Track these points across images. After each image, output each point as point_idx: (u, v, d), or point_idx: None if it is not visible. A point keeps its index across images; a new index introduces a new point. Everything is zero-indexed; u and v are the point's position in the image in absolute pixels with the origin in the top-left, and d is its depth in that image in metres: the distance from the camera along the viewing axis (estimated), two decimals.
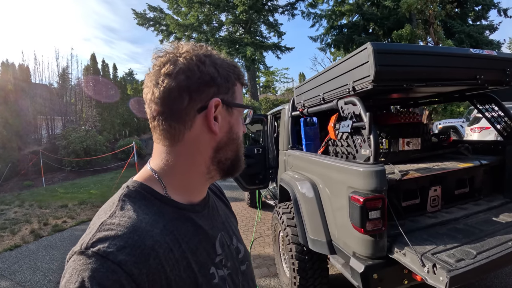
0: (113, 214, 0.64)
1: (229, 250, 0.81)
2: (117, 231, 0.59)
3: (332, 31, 25.39)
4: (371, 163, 2.05)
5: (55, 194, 10.60)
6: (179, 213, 0.71)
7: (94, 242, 0.57)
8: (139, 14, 24.18)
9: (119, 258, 0.55)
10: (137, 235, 0.60)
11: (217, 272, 0.72)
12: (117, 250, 0.55)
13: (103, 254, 0.54)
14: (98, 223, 0.62)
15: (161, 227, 0.65)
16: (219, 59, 0.74)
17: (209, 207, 0.82)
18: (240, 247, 0.87)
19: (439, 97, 3.49)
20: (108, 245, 0.56)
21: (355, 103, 2.32)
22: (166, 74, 0.67)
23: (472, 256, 1.72)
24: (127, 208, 0.65)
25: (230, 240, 0.84)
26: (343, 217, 2.26)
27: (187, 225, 0.71)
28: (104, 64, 21.46)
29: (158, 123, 0.70)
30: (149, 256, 0.59)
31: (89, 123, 18.15)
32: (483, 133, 8.72)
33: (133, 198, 0.68)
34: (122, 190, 0.71)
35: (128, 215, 0.63)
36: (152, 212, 0.67)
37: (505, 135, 2.95)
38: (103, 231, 0.59)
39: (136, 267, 0.56)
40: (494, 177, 2.86)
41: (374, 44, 2.07)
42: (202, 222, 0.75)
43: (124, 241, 0.57)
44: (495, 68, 2.50)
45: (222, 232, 0.81)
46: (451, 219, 2.38)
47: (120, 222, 0.61)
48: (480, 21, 23.29)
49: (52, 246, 5.60)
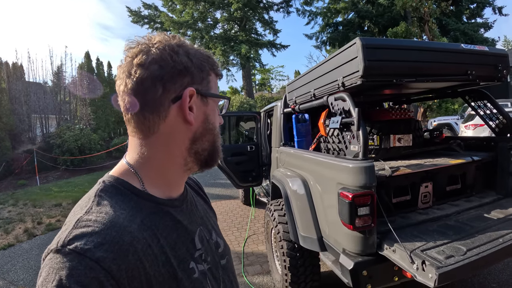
0: (89, 210, 0.62)
1: (209, 244, 0.81)
2: (94, 227, 0.57)
3: (327, 28, 25.42)
4: (360, 159, 2.04)
5: (50, 193, 10.50)
6: (157, 208, 0.70)
7: (70, 240, 0.55)
8: (133, 12, 24.06)
9: (97, 255, 0.53)
10: (115, 231, 0.58)
11: (197, 267, 0.71)
12: (95, 247, 0.54)
13: (80, 251, 0.53)
14: (74, 219, 0.60)
15: (139, 222, 0.64)
16: (193, 49, 0.73)
17: (187, 202, 0.81)
18: (219, 241, 0.87)
19: (431, 93, 3.48)
20: (85, 242, 0.54)
21: (345, 99, 2.30)
22: (138, 65, 0.66)
23: (462, 252, 1.70)
24: (104, 204, 0.64)
25: (210, 234, 0.84)
26: (333, 214, 2.24)
27: (165, 220, 0.70)
28: (99, 62, 21.27)
29: (132, 115, 0.69)
30: (128, 252, 0.57)
31: (83, 121, 18.00)
32: (478, 130, 8.76)
33: (110, 193, 0.67)
34: (98, 185, 0.69)
35: (105, 211, 0.62)
36: (129, 207, 0.65)
37: (498, 131, 2.94)
38: (79, 228, 0.57)
39: (115, 264, 0.54)
40: (486, 174, 2.85)
41: (363, 39, 2.05)
42: (181, 217, 0.74)
43: (102, 238, 0.56)
44: (486, 63, 2.49)
45: (201, 227, 0.80)
46: (442, 215, 2.36)
47: (97, 218, 0.59)
48: (475, 19, 23.36)
49: (45, 245, 5.44)
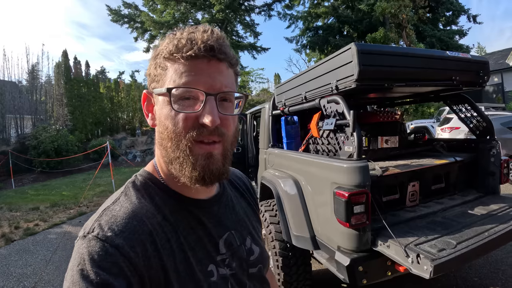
0: (116, 200, 0.67)
1: (238, 250, 0.78)
2: (117, 216, 0.62)
3: (307, 32, 25.83)
4: (355, 159, 2.12)
5: (26, 196, 10.20)
6: (182, 206, 0.71)
7: (95, 227, 0.60)
8: (113, 11, 23.65)
9: (116, 241, 0.57)
10: (136, 220, 0.62)
11: (217, 270, 0.71)
12: (115, 234, 0.58)
13: (102, 237, 0.57)
14: (102, 208, 0.66)
15: (162, 217, 0.67)
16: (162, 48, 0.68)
17: (221, 204, 0.80)
18: (254, 249, 0.84)
19: (415, 97, 3.63)
20: (107, 230, 0.59)
21: (338, 101, 2.39)
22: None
23: (452, 246, 1.82)
24: (131, 195, 0.68)
25: (243, 240, 0.81)
26: (327, 212, 2.31)
27: (188, 220, 0.71)
28: (76, 61, 20.82)
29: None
30: (146, 241, 0.61)
31: (60, 122, 17.56)
32: (453, 133, 9.10)
33: (139, 186, 0.71)
34: (131, 178, 0.73)
35: (130, 201, 0.66)
36: (155, 201, 0.69)
37: (478, 133, 3.10)
38: (104, 216, 0.62)
39: (133, 251, 0.58)
40: (468, 173, 3.01)
41: (358, 44, 2.14)
42: (206, 218, 0.74)
43: (123, 226, 0.60)
44: (469, 70, 2.64)
45: (232, 231, 0.78)
46: (429, 212, 2.49)
47: (121, 208, 0.64)
48: (450, 26, 24.34)
49: (24, 250, 5.38)
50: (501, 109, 12.88)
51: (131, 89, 26.47)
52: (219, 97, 0.65)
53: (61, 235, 6.03)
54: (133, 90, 26.41)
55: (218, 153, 0.66)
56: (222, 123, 0.65)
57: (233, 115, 0.70)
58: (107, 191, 10.02)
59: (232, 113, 0.70)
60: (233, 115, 0.70)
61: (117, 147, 18.63)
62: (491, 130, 2.96)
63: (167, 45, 0.65)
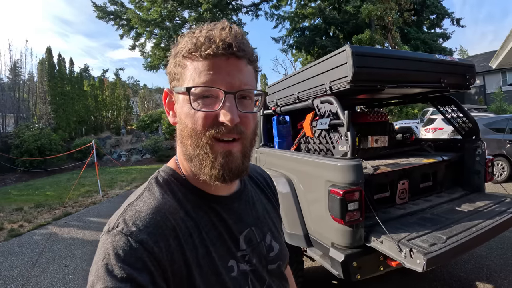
0: (140, 195, 0.68)
1: (258, 247, 0.78)
2: (141, 211, 0.63)
3: (294, 33, 25.98)
4: (349, 158, 2.19)
5: (8, 196, 9.93)
6: (203, 202, 0.72)
7: (119, 222, 0.61)
8: (99, 7, 23.20)
9: (140, 236, 0.58)
10: (160, 216, 0.63)
11: (237, 266, 0.71)
12: (139, 230, 0.59)
13: (126, 233, 0.58)
14: (126, 204, 0.67)
15: (184, 213, 0.68)
16: (179, 47, 0.69)
17: (241, 201, 0.80)
18: (274, 245, 0.84)
19: (403, 98, 3.73)
20: (131, 225, 0.60)
21: (332, 102, 2.45)
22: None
23: (443, 240, 1.90)
24: (154, 191, 0.69)
25: (263, 236, 0.81)
26: (320, 210, 2.37)
27: (209, 215, 0.71)
28: (60, 58, 20.38)
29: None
30: (170, 236, 0.62)
31: (43, 120, 17.21)
32: (437, 133, 9.35)
33: (161, 182, 0.72)
34: (154, 175, 0.75)
35: (153, 197, 0.67)
36: (177, 197, 0.70)
37: (463, 133, 3.22)
38: (128, 211, 0.63)
39: (157, 246, 0.59)
40: (454, 172, 3.12)
41: (353, 46, 2.21)
42: (227, 215, 0.74)
43: (147, 221, 0.61)
44: (457, 73, 2.75)
45: (252, 228, 0.79)
46: (419, 209, 2.58)
47: (145, 203, 0.65)
48: (434, 29, 24.89)
49: (10, 252, 5.25)
50: (483, 111, 13.29)
51: (115, 87, 26.14)
52: (238, 95, 0.65)
53: (46, 236, 5.92)
54: (117, 88, 26.09)
55: (238, 151, 0.67)
56: (241, 121, 0.65)
57: (253, 112, 0.69)
58: (92, 191, 9.87)
59: (251, 110, 0.69)
60: (252, 112, 0.69)
61: (102, 147, 18.36)
62: (476, 130, 3.08)
63: (186, 44, 0.65)
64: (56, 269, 4.32)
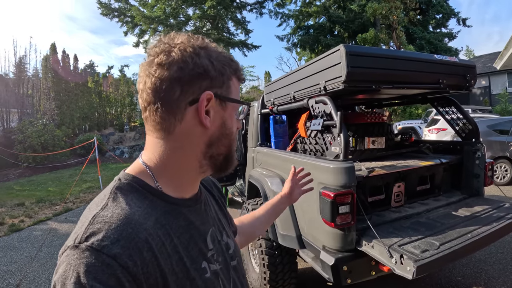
0: (105, 206, 0.62)
1: (220, 245, 0.80)
2: (110, 223, 0.58)
3: (299, 31, 25.89)
4: (341, 160, 2.14)
5: (11, 191, 10.02)
6: (171, 208, 0.70)
7: (87, 236, 0.55)
8: (103, 4, 23.31)
9: (113, 251, 0.54)
10: (131, 227, 0.59)
11: (209, 267, 0.72)
12: (112, 243, 0.55)
13: (97, 247, 0.53)
14: (90, 216, 0.60)
15: (154, 220, 0.64)
16: (215, 51, 0.73)
17: (201, 202, 0.81)
18: (230, 242, 0.86)
19: (402, 99, 3.66)
20: (102, 238, 0.55)
21: (326, 102, 2.40)
22: (158, 64, 0.66)
23: (435, 247, 1.84)
24: (120, 200, 0.64)
25: (221, 235, 0.83)
26: (313, 212, 2.32)
27: (178, 220, 0.70)
28: (65, 54, 20.47)
29: (149, 113, 0.69)
30: (143, 249, 0.58)
31: (47, 116, 17.27)
32: (440, 134, 9.24)
33: (125, 190, 0.67)
34: (114, 183, 0.69)
35: (121, 207, 0.62)
36: (144, 205, 0.66)
37: (463, 136, 3.15)
38: (96, 224, 0.58)
39: (131, 260, 0.55)
40: (453, 175, 3.06)
41: (347, 46, 2.15)
42: (194, 217, 0.74)
43: (118, 234, 0.56)
44: (456, 73, 2.68)
45: (213, 227, 0.80)
46: (414, 213, 2.52)
47: (113, 214, 0.60)
48: (440, 29, 24.66)
49: (9, 247, 5.29)
50: (487, 112, 13.16)
51: (120, 84, 26.18)
52: None
53: (46, 231, 5.94)
54: (122, 85, 26.12)
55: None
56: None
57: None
58: (94, 187, 9.91)
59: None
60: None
61: (105, 143, 18.42)
62: (476, 132, 3.01)
63: (230, 58, 0.75)
64: (54, 265, 4.28)
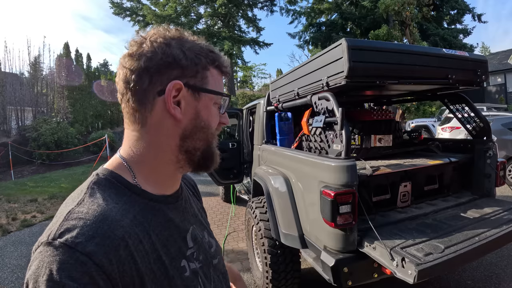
0: (81, 202, 0.61)
1: (202, 243, 0.79)
2: (86, 220, 0.56)
3: (310, 28, 25.66)
4: (343, 158, 2.06)
5: (25, 188, 10.19)
6: (150, 204, 0.69)
7: (62, 232, 0.54)
8: (115, 4, 23.55)
9: (88, 248, 0.52)
10: (107, 224, 0.57)
11: (188, 265, 0.71)
12: (86, 240, 0.53)
13: (71, 244, 0.52)
14: (65, 211, 0.58)
15: (131, 217, 0.63)
16: (190, 42, 0.71)
17: (182, 200, 0.80)
18: (211, 241, 0.86)
19: (412, 95, 3.55)
20: (76, 235, 0.53)
21: (328, 98, 2.32)
22: (129, 56, 0.67)
23: (440, 250, 1.75)
24: (96, 196, 0.62)
25: (202, 233, 0.82)
26: (314, 211, 2.26)
27: (157, 217, 0.69)
28: (78, 53, 20.72)
29: (124, 105, 0.69)
30: (119, 247, 0.56)
31: (60, 114, 17.52)
32: (454, 132, 9.02)
33: (103, 186, 0.66)
34: (91, 178, 0.68)
35: (97, 203, 0.60)
36: (122, 201, 0.64)
37: (475, 134, 3.03)
38: (70, 220, 0.56)
39: (106, 258, 0.53)
40: (463, 175, 2.94)
41: (349, 40, 2.08)
42: (173, 214, 0.73)
43: (93, 231, 0.55)
44: (466, 68, 2.56)
45: (194, 226, 0.79)
46: (420, 214, 2.43)
47: (89, 210, 0.58)
48: (454, 25, 24.09)
49: (20, 241, 5.38)
50: (503, 110, 12.79)
51: None
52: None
53: None
54: None
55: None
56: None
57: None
58: None
59: None
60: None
61: (117, 140, 18.57)
62: (488, 130, 2.89)
63: (208, 49, 0.73)
64: None
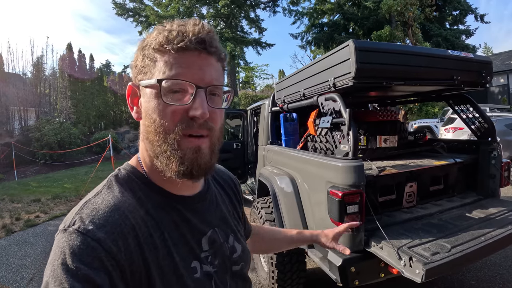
0: (98, 193, 0.66)
1: (221, 248, 0.78)
2: (99, 209, 0.60)
3: (313, 29, 25.62)
4: (350, 159, 2.08)
5: (28, 188, 10.23)
6: (165, 202, 0.70)
7: (76, 220, 0.58)
8: (118, 4, 23.56)
9: (98, 235, 0.56)
10: (118, 214, 0.61)
11: (201, 267, 0.71)
12: (97, 228, 0.57)
13: (83, 231, 0.56)
14: (83, 201, 0.64)
15: (144, 212, 0.66)
16: (153, 39, 0.66)
17: (205, 201, 0.79)
18: (237, 246, 0.84)
19: (416, 96, 3.57)
20: (88, 223, 0.57)
21: (335, 99, 2.34)
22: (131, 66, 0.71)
23: (446, 250, 1.77)
24: (113, 189, 0.67)
25: (226, 237, 0.81)
26: (321, 211, 2.28)
27: (172, 215, 0.70)
28: (81, 54, 20.79)
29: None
30: (128, 236, 0.60)
31: (63, 115, 17.58)
32: (457, 133, 9.02)
33: (121, 179, 0.70)
34: (114, 172, 0.73)
35: (112, 195, 0.65)
36: (137, 196, 0.67)
37: (479, 135, 3.04)
38: (85, 209, 0.61)
39: (115, 245, 0.57)
40: (468, 175, 2.95)
41: (356, 41, 2.09)
42: (191, 215, 0.73)
43: (104, 220, 0.59)
44: (471, 69, 2.58)
45: (216, 229, 0.78)
46: (426, 214, 2.45)
47: (103, 201, 0.63)
48: (457, 26, 24.05)
49: (24, 241, 5.40)
50: (506, 111, 12.78)
51: None
52: (208, 90, 0.64)
53: None
54: None
55: (206, 147, 0.66)
56: (211, 116, 0.65)
57: (222, 108, 0.70)
58: None
59: (220, 107, 0.70)
60: (221, 109, 0.70)
61: (120, 141, 18.64)
62: (492, 131, 2.91)
63: (157, 36, 0.64)
64: None
